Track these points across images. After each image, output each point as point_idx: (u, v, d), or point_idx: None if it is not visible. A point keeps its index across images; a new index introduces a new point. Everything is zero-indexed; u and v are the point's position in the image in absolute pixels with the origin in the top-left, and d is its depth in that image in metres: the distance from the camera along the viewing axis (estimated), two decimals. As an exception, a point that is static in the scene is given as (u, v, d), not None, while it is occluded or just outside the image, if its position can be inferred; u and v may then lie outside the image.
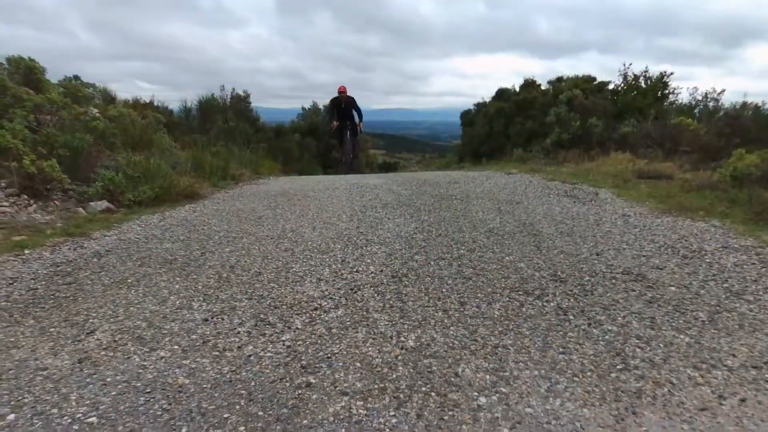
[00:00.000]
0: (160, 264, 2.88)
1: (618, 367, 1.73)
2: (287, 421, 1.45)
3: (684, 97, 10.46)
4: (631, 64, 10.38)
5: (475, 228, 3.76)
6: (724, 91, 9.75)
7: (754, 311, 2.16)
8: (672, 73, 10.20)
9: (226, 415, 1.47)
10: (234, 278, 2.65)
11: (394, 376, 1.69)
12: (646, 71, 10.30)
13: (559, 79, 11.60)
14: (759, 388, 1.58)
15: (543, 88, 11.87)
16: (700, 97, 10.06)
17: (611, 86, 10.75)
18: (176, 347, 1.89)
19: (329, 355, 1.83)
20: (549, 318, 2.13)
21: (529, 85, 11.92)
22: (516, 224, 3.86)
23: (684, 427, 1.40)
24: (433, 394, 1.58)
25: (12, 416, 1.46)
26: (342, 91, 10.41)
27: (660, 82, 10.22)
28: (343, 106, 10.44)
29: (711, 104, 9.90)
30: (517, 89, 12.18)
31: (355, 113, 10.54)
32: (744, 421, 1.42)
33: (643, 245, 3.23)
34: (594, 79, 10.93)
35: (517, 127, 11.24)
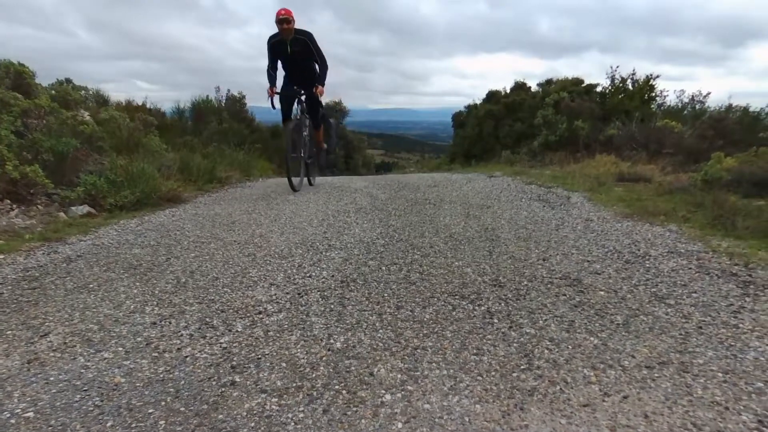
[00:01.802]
0: (124, 269, 3.03)
1: (522, 367, 1.86)
2: (204, 416, 1.60)
3: (671, 100, 10.56)
4: (618, 67, 10.53)
5: (437, 233, 3.89)
6: (709, 93, 9.90)
7: (669, 314, 2.29)
8: (658, 76, 10.33)
9: (150, 411, 1.62)
10: (191, 283, 2.80)
11: (313, 375, 1.83)
12: (633, 74, 10.43)
13: (549, 82, 11.72)
14: (644, 386, 1.71)
15: (533, 90, 12.00)
16: (687, 100, 10.19)
17: (599, 88, 10.87)
18: (120, 349, 2.04)
19: (260, 356, 1.98)
20: (474, 321, 2.26)
21: (519, 87, 12.04)
22: (478, 229, 4.00)
23: (562, 421, 1.54)
24: (344, 391, 1.72)
25: (-43, 411, 1.61)
26: (284, 18, 5.27)
27: (647, 85, 10.34)
28: (291, 51, 5.47)
29: (697, 106, 10.02)
30: (508, 91, 12.30)
31: (316, 66, 5.66)
32: (618, 415, 1.56)
33: (591, 250, 3.35)
34: (582, 81, 11.05)
35: (506, 129, 11.36)
